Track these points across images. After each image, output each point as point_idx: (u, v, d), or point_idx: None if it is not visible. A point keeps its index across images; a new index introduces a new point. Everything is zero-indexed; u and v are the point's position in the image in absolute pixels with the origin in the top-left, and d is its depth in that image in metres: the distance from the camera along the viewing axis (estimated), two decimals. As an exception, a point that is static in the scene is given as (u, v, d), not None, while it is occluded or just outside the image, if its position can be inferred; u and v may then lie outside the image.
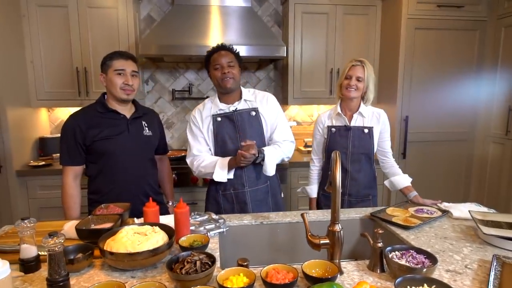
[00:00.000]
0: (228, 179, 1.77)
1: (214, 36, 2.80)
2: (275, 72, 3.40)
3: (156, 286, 0.95)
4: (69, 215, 1.73)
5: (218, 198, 1.88)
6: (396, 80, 2.92)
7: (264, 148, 1.77)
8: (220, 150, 1.83)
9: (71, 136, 1.70)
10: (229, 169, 1.76)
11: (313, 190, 2.09)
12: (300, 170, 2.91)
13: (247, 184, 1.83)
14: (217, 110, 1.84)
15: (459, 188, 3.16)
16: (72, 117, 1.75)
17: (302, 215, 1.20)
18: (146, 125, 1.85)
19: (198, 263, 1.04)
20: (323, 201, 2.05)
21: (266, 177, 1.86)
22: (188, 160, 1.89)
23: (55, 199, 2.70)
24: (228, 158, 1.77)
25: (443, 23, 2.89)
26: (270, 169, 1.75)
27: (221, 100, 1.86)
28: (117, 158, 1.73)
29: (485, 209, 1.64)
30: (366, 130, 1.91)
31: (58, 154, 2.84)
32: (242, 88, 1.90)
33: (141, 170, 1.82)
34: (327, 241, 1.12)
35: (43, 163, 2.74)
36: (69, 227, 1.35)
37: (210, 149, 1.87)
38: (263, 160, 1.74)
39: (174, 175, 2.73)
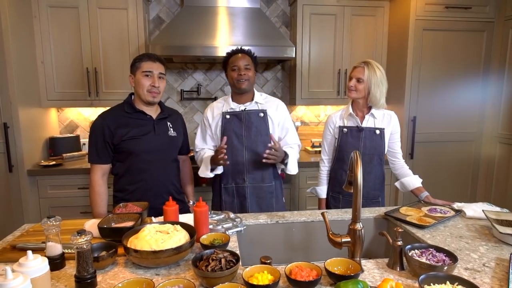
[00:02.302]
0: (231, 173, 1.95)
1: (223, 37, 2.82)
2: (282, 73, 3.42)
3: (184, 283, 0.97)
4: (96, 212, 1.76)
5: (220, 191, 1.99)
6: (404, 80, 2.94)
7: (286, 150, 1.89)
8: (229, 144, 1.90)
9: (100, 135, 1.74)
10: (213, 166, 1.90)
11: (323, 191, 2.10)
12: (308, 170, 2.93)
13: (247, 180, 1.95)
14: (228, 108, 1.96)
15: (466, 188, 3.18)
16: (101, 117, 1.78)
17: (322, 214, 1.22)
18: (171, 126, 1.88)
19: (223, 260, 1.06)
20: (332, 202, 2.06)
21: (271, 178, 1.99)
22: (194, 155, 2.08)
23: (65, 199, 2.72)
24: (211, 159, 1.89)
25: (451, 24, 2.91)
26: (293, 168, 1.93)
27: (233, 100, 1.98)
28: (143, 158, 1.77)
29: (497, 209, 1.65)
30: (377, 131, 1.92)
31: (68, 154, 2.91)
32: (255, 91, 2.01)
33: (165, 170, 1.85)
34: (349, 239, 1.13)
35: (54, 162, 2.76)
36: (90, 226, 1.37)
37: (215, 146, 2.00)
38: (284, 161, 1.87)
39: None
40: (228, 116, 1.94)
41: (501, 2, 2.91)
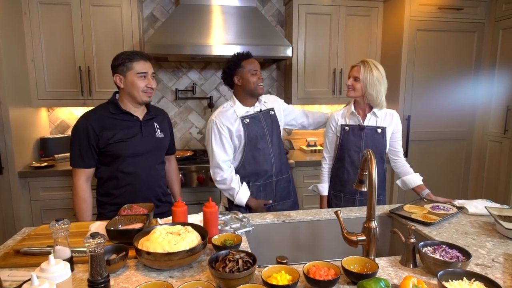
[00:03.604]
0: (258, 170, 1.98)
1: (219, 36, 2.79)
2: (277, 72, 3.41)
3: (204, 285, 0.95)
4: (82, 218, 1.68)
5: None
6: (399, 80, 2.98)
7: None
8: (250, 148, 1.95)
9: (84, 138, 1.64)
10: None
11: (324, 188, 2.11)
12: (305, 169, 2.94)
13: (274, 175, 2.02)
14: (243, 112, 1.95)
15: (458, 185, 3.24)
16: (85, 118, 1.68)
17: (336, 213, 1.22)
18: (158, 127, 1.82)
19: (240, 261, 1.04)
20: (334, 200, 2.07)
21: (287, 169, 2.10)
22: (212, 171, 1.97)
23: (57, 201, 2.65)
24: (247, 198, 1.94)
25: (444, 24, 2.96)
26: None
27: (243, 104, 1.97)
28: (130, 161, 1.69)
29: (498, 205, 1.69)
30: (379, 130, 1.94)
31: (60, 155, 2.84)
32: None
33: (153, 173, 1.79)
34: (364, 237, 1.14)
35: (45, 164, 2.68)
36: (96, 228, 1.33)
37: (233, 153, 1.98)
38: None
39: (180, 175, 2.71)
40: (247, 120, 1.94)
41: (491, 4, 2.99)
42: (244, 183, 1.97)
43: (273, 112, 2.04)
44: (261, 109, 2.00)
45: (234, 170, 1.97)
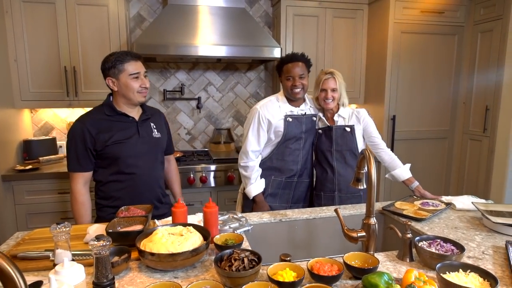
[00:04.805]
0: (283, 167, 2.04)
1: (207, 37, 2.79)
2: (266, 73, 3.44)
3: (212, 284, 0.96)
4: (81, 223, 1.65)
5: (268, 183, 2.05)
6: (384, 81, 3.06)
7: None
8: (283, 146, 2.02)
9: (81, 141, 1.62)
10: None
11: None
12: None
13: (297, 175, 2.07)
14: (288, 111, 2.01)
15: (440, 182, 3.36)
16: (80, 121, 1.66)
17: (336, 210, 1.25)
18: (154, 126, 1.81)
19: (245, 260, 1.06)
20: (316, 200, 2.14)
21: (309, 174, 2.13)
22: (240, 155, 2.06)
23: (43, 205, 2.58)
24: (257, 193, 2.01)
25: (426, 27, 3.07)
26: None
27: (288, 102, 2.04)
28: (129, 163, 1.68)
29: (483, 201, 1.77)
30: (347, 129, 2.00)
31: (45, 158, 2.76)
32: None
33: (153, 174, 1.78)
34: (364, 233, 1.17)
35: (30, 167, 2.60)
36: (94, 231, 1.31)
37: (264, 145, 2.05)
38: None
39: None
40: (290, 119, 1.99)
41: (470, 8, 3.11)
42: (262, 179, 2.02)
43: (315, 119, 2.07)
44: (305, 113, 2.04)
45: (260, 161, 2.05)
